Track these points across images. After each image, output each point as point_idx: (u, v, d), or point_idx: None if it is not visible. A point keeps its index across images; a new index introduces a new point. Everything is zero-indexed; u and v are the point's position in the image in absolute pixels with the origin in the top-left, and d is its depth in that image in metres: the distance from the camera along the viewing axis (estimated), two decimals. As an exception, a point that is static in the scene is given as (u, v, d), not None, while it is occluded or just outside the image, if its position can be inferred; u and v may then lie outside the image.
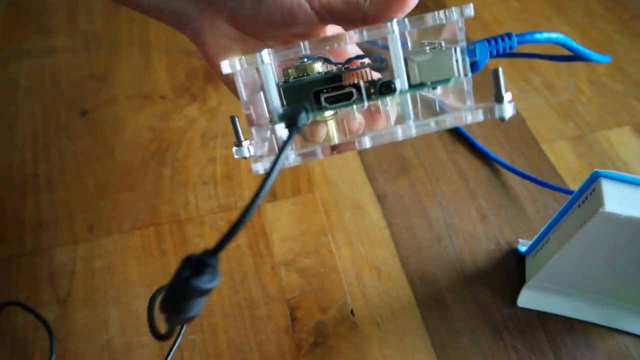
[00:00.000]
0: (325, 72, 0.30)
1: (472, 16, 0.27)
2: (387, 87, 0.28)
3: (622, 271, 0.37)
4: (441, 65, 0.28)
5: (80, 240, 0.49)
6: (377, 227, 0.48)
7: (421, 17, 0.27)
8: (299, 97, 0.29)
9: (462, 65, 0.28)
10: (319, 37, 0.33)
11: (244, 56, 0.28)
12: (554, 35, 0.30)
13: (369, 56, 0.31)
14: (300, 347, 0.41)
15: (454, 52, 0.27)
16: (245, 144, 0.29)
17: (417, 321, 0.42)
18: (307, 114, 0.28)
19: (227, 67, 0.28)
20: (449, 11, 0.27)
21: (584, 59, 0.32)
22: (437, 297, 0.43)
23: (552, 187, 0.49)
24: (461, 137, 0.54)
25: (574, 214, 0.36)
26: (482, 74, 0.29)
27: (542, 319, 0.41)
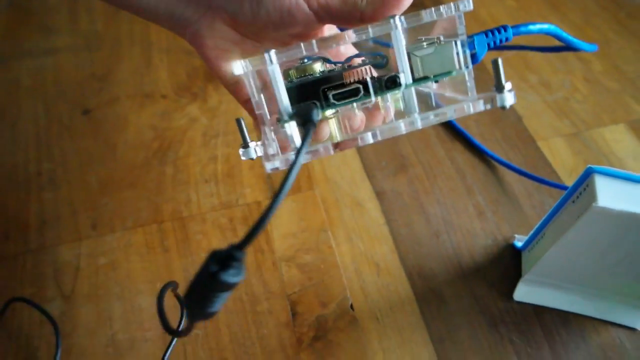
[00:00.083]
0: (328, 71, 0.30)
1: (471, 9, 0.28)
2: (392, 82, 0.28)
3: (616, 265, 0.37)
4: (443, 58, 0.28)
5: (83, 237, 0.49)
6: (376, 224, 0.49)
7: (418, 13, 0.28)
8: (305, 96, 0.29)
9: (463, 57, 0.29)
10: (317, 37, 0.33)
11: (252, 58, 0.28)
12: (545, 26, 0.31)
13: (368, 54, 0.32)
14: (301, 341, 0.42)
15: (455, 45, 0.28)
16: (252, 145, 0.30)
17: (415, 315, 0.42)
18: (318, 110, 0.28)
19: (238, 68, 0.28)
20: (448, 6, 0.28)
21: (573, 49, 0.33)
22: (435, 292, 0.44)
23: (548, 184, 0.50)
24: (458, 135, 0.55)
25: (569, 209, 0.37)
26: (476, 68, 0.30)
27: (538, 312, 0.42)
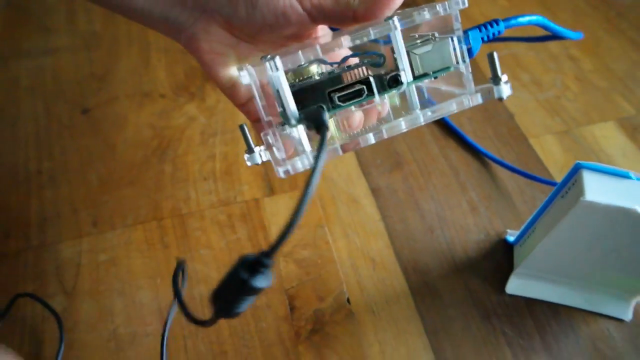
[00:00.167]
0: (328, 73, 0.30)
1: (466, 6, 0.29)
2: (395, 81, 0.29)
3: (603, 258, 0.39)
4: (441, 54, 0.29)
5: (84, 234, 0.50)
6: (372, 220, 0.50)
7: (414, 14, 0.28)
8: (307, 99, 0.29)
9: (460, 52, 0.30)
10: (310, 37, 0.33)
11: (258, 66, 0.28)
12: (534, 17, 0.33)
13: (363, 53, 0.33)
14: (299, 334, 0.43)
15: (452, 41, 0.29)
16: (257, 150, 0.30)
17: (410, 308, 0.44)
18: (326, 113, 0.28)
19: (245, 78, 0.28)
20: (444, 5, 0.28)
21: (559, 37, 0.35)
22: (430, 286, 0.45)
23: (539, 180, 0.51)
24: (452, 133, 0.56)
25: (558, 203, 0.38)
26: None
27: (529, 304, 0.43)
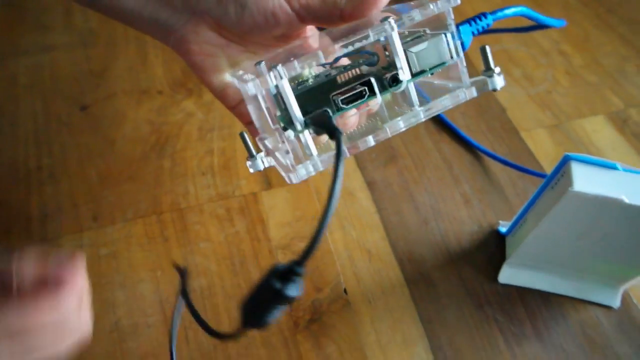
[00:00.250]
0: (325, 75, 0.30)
1: (459, 4, 0.29)
2: (395, 80, 0.29)
3: (592, 247, 0.40)
4: (436, 51, 0.30)
5: (85, 229, 0.51)
6: (368, 212, 0.51)
7: (415, 10, 0.29)
8: (308, 103, 0.29)
9: (454, 47, 0.30)
10: (299, 37, 0.33)
11: (254, 73, 0.27)
12: (519, 9, 0.34)
13: (357, 52, 0.33)
14: (297, 324, 0.44)
15: (445, 37, 0.30)
16: (258, 156, 0.30)
17: (405, 297, 0.45)
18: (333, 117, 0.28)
19: (251, 89, 0.27)
20: (437, 4, 0.29)
21: (544, 26, 0.36)
22: (424, 276, 0.46)
23: (531, 173, 0.52)
24: (446, 127, 0.57)
25: (548, 194, 0.39)
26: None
27: (521, 293, 0.44)
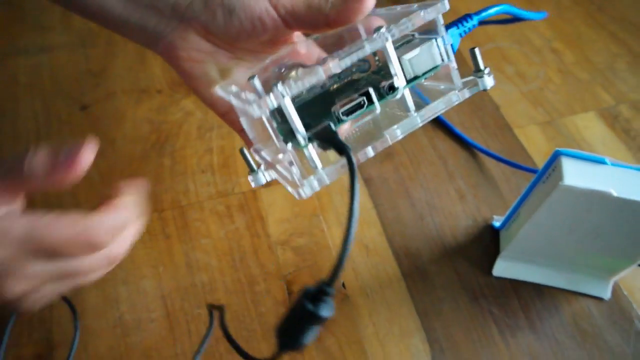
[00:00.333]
0: (321, 86, 0.31)
1: (447, 9, 0.30)
2: (391, 88, 0.30)
3: (583, 239, 0.41)
4: (428, 56, 0.31)
5: (87, 227, 0.52)
6: (365, 208, 0.52)
7: (406, 19, 0.29)
8: (307, 115, 0.29)
9: (445, 51, 0.31)
10: (286, 43, 0.34)
11: (265, 98, 0.27)
12: (500, 7, 0.35)
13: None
14: (297, 317, 0.45)
15: (436, 42, 0.31)
16: (260, 170, 0.30)
17: (402, 291, 0.46)
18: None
19: (256, 112, 0.27)
20: (427, 12, 0.29)
21: (524, 19, 0.38)
22: (421, 270, 0.47)
23: (524, 168, 0.53)
24: (440, 124, 0.58)
25: (539, 189, 0.40)
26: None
27: (515, 286, 0.46)
